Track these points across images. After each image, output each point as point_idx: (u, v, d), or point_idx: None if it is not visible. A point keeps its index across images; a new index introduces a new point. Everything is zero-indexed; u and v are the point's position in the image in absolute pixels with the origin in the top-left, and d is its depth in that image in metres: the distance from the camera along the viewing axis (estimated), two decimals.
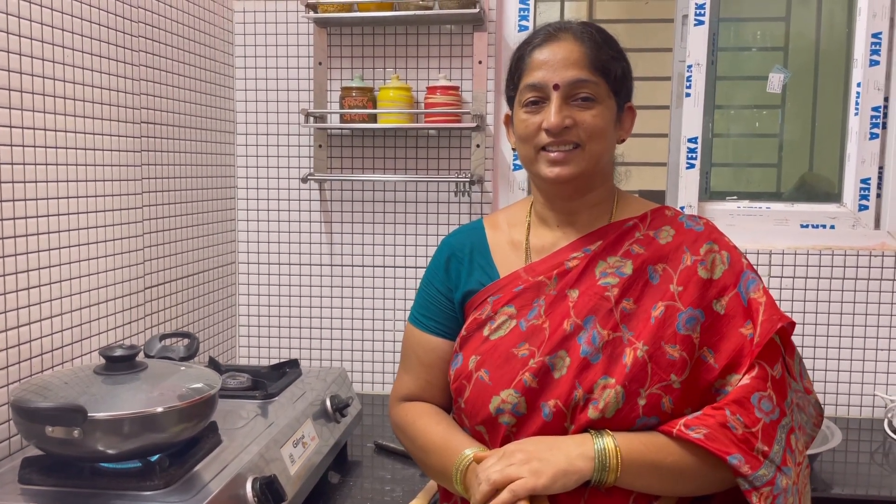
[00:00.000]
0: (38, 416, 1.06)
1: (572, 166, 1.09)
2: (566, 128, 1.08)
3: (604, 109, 1.09)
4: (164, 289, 1.76)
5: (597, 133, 1.09)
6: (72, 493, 1.09)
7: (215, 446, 1.25)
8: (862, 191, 2.01)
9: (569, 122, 1.08)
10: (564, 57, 1.08)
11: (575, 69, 1.08)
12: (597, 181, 1.14)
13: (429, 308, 1.21)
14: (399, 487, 1.52)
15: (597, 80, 1.08)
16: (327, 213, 2.13)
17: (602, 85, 1.09)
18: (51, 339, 1.38)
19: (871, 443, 1.86)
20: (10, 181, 1.26)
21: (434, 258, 1.24)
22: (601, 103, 1.09)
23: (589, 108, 1.08)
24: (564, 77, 1.08)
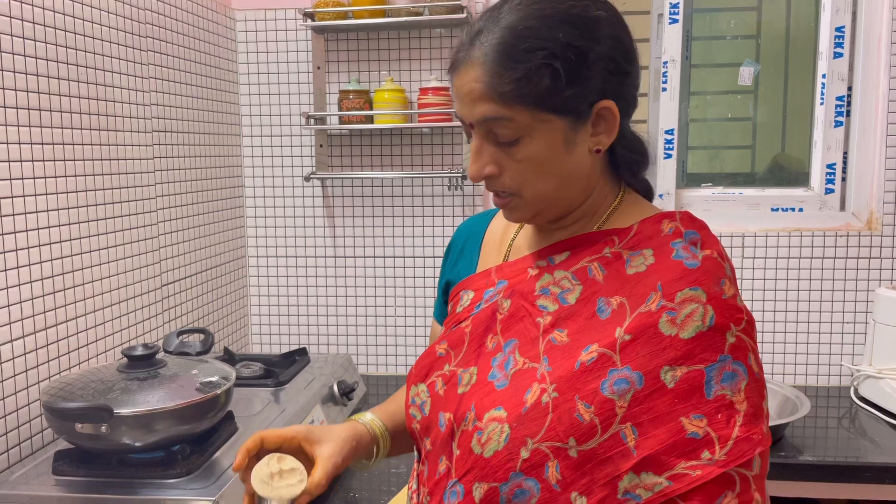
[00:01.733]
0: (68, 415, 1.08)
1: (518, 213, 0.87)
2: (490, 176, 0.84)
3: (535, 142, 0.81)
4: (180, 285, 1.78)
5: (529, 177, 0.83)
6: (101, 482, 1.12)
7: (232, 434, 1.28)
8: (828, 175, 2.03)
9: (490, 169, 0.83)
10: (469, 90, 0.81)
11: (481, 105, 0.80)
12: (567, 206, 0.88)
13: (438, 297, 1.09)
14: (404, 464, 1.54)
15: (510, 112, 0.79)
16: (330, 209, 2.15)
17: (522, 114, 0.79)
18: (76, 338, 1.40)
19: (838, 409, 1.89)
20: (32, 194, 1.28)
21: (451, 239, 1.09)
22: (529, 135, 0.80)
23: (513, 150, 0.81)
24: (473, 115, 0.81)
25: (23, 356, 1.26)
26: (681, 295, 0.78)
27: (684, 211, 0.88)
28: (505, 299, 0.89)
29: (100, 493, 1.09)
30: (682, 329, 0.76)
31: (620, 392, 0.75)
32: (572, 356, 0.79)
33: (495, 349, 0.86)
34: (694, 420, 0.74)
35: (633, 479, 0.75)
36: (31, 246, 1.27)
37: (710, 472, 0.73)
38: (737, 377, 0.76)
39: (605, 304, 0.81)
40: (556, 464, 0.76)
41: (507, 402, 0.80)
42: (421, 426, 0.91)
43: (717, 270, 0.80)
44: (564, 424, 0.76)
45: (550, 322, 0.83)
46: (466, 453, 0.81)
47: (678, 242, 0.82)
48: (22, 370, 1.26)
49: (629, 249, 0.84)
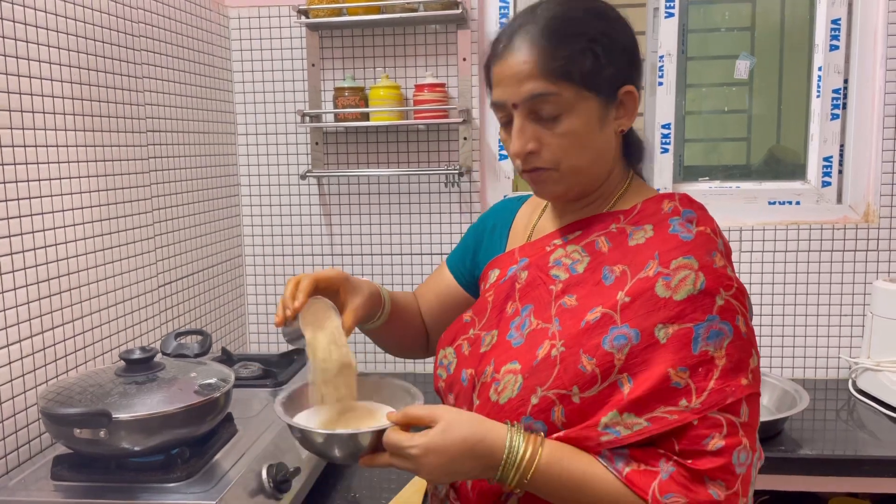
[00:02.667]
0: (66, 420, 1.07)
1: (551, 186, 0.96)
2: (532, 152, 0.92)
3: (575, 118, 0.90)
4: (177, 286, 1.77)
5: (569, 151, 0.92)
6: (100, 487, 1.10)
7: (232, 436, 1.27)
8: (825, 168, 2.02)
9: (532, 146, 0.92)
10: (517, 71, 0.90)
11: (529, 83, 0.89)
12: (592, 183, 0.97)
13: (458, 249, 1.19)
14: None
15: (557, 88, 0.88)
16: (326, 207, 2.13)
17: (567, 90, 0.89)
18: (73, 341, 1.38)
19: (836, 402, 1.89)
20: (27, 197, 1.26)
21: (484, 214, 1.19)
22: (571, 112, 0.90)
23: (555, 125, 0.90)
24: (520, 94, 0.90)
25: (20, 360, 1.25)
26: (675, 262, 0.87)
27: (683, 193, 0.99)
28: (523, 271, 1.00)
29: (99, 497, 1.08)
30: (676, 292, 0.86)
31: (619, 346, 0.85)
32: (579, 317, 0.89)
33: (514, 314, 0.97)
34: (679, 372, 0.83)
35: (616, 416, 0.84)
36: (26, 249, 1.26)
37: (684, 418, 0.83)
38: (721, 335, 0.84)
39: (609, 272, 0.92)
40: (561, 408, 0.86)
41: (521, 356, 0.91)
42: (446, 384, 1.02)
43: (709, 243, 0.90)
44: (569, 374, 0.86)
45: (562, 289, 0.94)
46: (485, 402, 0.92)
47: (676, 219, 0.93)
48: (19, 374, 1.25)
49: (632, 225, 0.95)
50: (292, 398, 1.00)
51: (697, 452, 0.82)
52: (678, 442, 0.83)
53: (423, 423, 0.87)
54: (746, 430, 0.84)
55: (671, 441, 0.84)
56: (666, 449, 0.84)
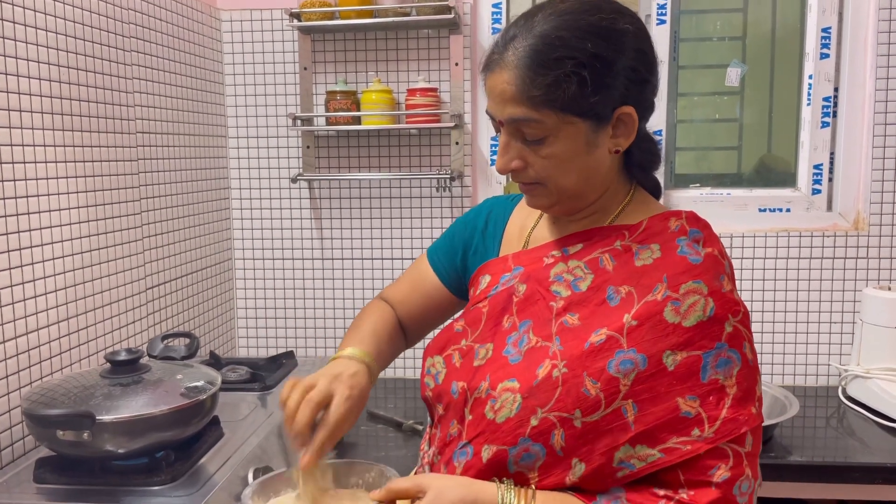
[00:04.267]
0: (49, 422, 1.06)
1: (542, 199, 0.94)
2: (517, 170, 0.91)
3: (560, 142, 0.87)
4: (165, 288, 1.76)
5: (554, 172, 0.89)
6: (84, 490, 1.09)
7: (218, 439, 1.26)
8: (815, 176, 2.03)
9: (516, 164, 0.90)
10: (501, 91, 0.87)
11: (511, 106, 0.87)
12: (585, 200, 0.95)
13: (443, 244, 1.14)
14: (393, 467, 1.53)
15: (539, 115, 0.85)
16: (317, 211, 2.13)
17: (550, 116, 0.85)
18: (59, 342, 1.37)
19: (826, 409, 1.89)
20: (13, 196, 1.25)
21: (473, 209, 1.14)
22: (555, 136, 0.87)
23: (539, 147, 0.88)
24: (503, 114, 0.88)
25: (3, 361, 1.23)
26: (685, 287, 0.85)
27: (690, 211, 0.95)
28: (521, 283, 0.96)
29: (82, 500, 1.06)
30: (685, 318, 0.84)
31: (625, 371, 0.83)
32: (582, 337, 0.86)
33: (511, 328, 0.93)
34: (688, 401, 0.82)
35: (629, 450, 0.82)
36: (11, 249, 1.25)
37: (698, 448, 0.81)
38: (730, 364, 0.83)
39: (615, 293, 0.88)
40: (561, 432, 0.83)
41: (520, 374, 0.87)
42: (434, 394, 0.98)
43: (718, 267, 0.88)
44: (572, 397, 0.83)
45: (563, 306, 0.91)
46: (479, 418, 0.88)
47: (683, 239, 0.90)
48: (2, 375, 1.23)
49: (638, 243, 0.91)
50: (264, 485, 0.95)
51: (702, 483, 0.81)
52: (683, 472, 0.82)
53: (409, 496, 0.85)
54: (750, 460, 0.83)
55: (675, 472, 0.82)
56: (671, 480, 0.82)
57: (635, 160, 0.96)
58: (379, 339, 1.07)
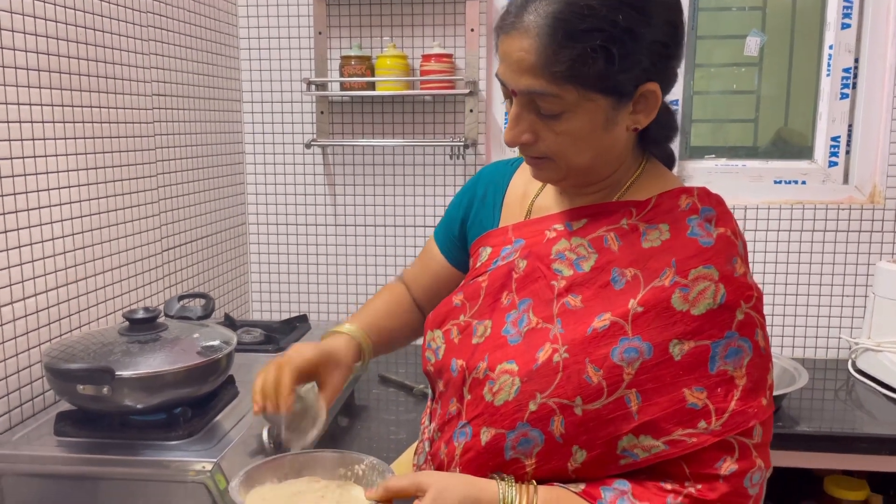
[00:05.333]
0: (69, 376, 1.08)
1: (548, 173, 0.89)
2: (527, 143, 0.85)
3: (578, 118, 0.81)
4: (180, 251, 1.77)
5: (567, 149, 0.83)
6: (103, 443, 1.12)
7: (233, 398, 1.28)
8: (832, 148, 2.01)
9: (527, 138, 0.84)
10: (518, 59, 0.80)
11: (528, 77, 0.79)
12: (595, 177, 0.90)
13: (444, 221, 1.11)
14: (403, 430, 1.55)
15: (558, 90, 0.79)
16: (330, 177, 2.13)
17: (570, 92, 0.79)
18: (77, 301, 1.39)
19: (835, 381, 1.90)
20: (31, 155, 1.26)
21: (470, 180, 1.10)
22: (573, 112, 0.80)
23: (554, 122, 0.82)
24: (518, 85, 0.81)
25: (24, 318, 1.25)
26: (694, 272, 0.80)
27: (702, 187, 0.90)
28: (521, 259, 0.92)
29: (102, 453, 1.09)
30: (694, 305, 0.79)
31: (629, 360, 0.79)
32: (585, 321, 0.82)
33: (510, 306, 0.90)
34: (695, 392, 0.79)
35: (632, 440, 0.79)
36: (31, 208, 1.26)
37: (704, 441, 0.78)
38: (741, 353, 0.80)
39: (620, 275, 0.84)
40: (561, 419, 0.80)
41: (519, 357, 0.84)
42: (434, 369, 0.96)
43: (730, 249, 0.83)
44: (573, 384, 0.80)
45: (565, 286, 0.86)
46: (477, 399, 0.86)
47: (694, 219, 0.84)
48: (23, 332, 1.25)
49: (646, 223, 0.86)
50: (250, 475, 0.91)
51: (709, 476, 0.78)
52: (688, 465, 0.79)
53: (407, 495, 0.81)
54: (760, 451, 0.81)
55: (680, 465, 0.79)
56: (675, 473, 0.79)
57: (652, 135, 0.90)
58: (379, 317, 1.09)
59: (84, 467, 1.08)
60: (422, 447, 0.99)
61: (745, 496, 0.79)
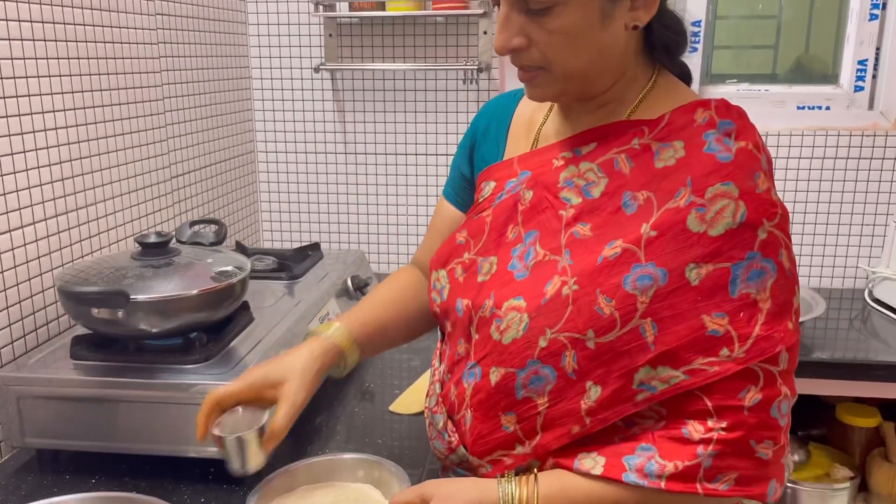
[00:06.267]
0: (84, 300, 1.07)
1: (543, 89, 0.82)
2: (518, 49, 0.78)
3: (570, 12, 0.75)
4: (189, 178, 1.75)
5: (560, 51, 0.77)
6: (120, 367, 1.11)
7: (248, 324, 1.27)
8: (858, 72, 1.94)
9: (518, 42, 0.78)
10: None
11: None
12: (594, 87, 0.83)
13: (451, 176, 1.05)
14: (417, 357, 1.55)
15: None
16: (339, 103, 2.08)
17: None
18: (87, 227, 1.37)
19: (851, 310, 1.88)
20: (46, 75, 1.22)
21: (474, 119, 1.03)
22: (564, 4, 0.74)
23: (545, 19, 0.75)
24: None
25: (34, 242, 1.24)
26: (711, 190, 0.74)
27: (721, 99, 0.82)
28: (527, 190, 0.87)
29: (119, 377, 1.09)
30: (711, 226, 0.74)
31: (643, 288, 0.74)
32: (595, 251, 0.78)
33: (515, 240, 0.85)
34: (715, 318, 0.73)
35: (650, 371, 0.75)
36: (47, 129, 1.23)
37: (726, 369, 0.73)
38: (764, 275, 0.74)
39: (631, 199, 0.78)
40: (573, 354, 0.76)
41: (526, 292, 0.80)
42: (441, 310, 0.92)
43: (752, 163, 0.76)
44: (584, 316, 0.76)
45: (573, 215, 0.81)
46: (485, 338, 0.83)
47: (711, 134, 0.78)
48: (35, 256, 1.24)
49: (659, 141, 0.79)
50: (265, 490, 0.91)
51: (733, 409, 0.73)
52: (710, 397, 0.74)
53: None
54: (785, 378, 0.76)
55: (700, 399, 0.74)
56: (696, 410, 0.74)
57: (657, 39, 0.83)
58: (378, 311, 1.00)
59: (101, 390, 1.08)
60: (433, 389, 0.96)
61: (774, 427, 0.75)
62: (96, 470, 1.11)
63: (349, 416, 1.29)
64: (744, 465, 0.74)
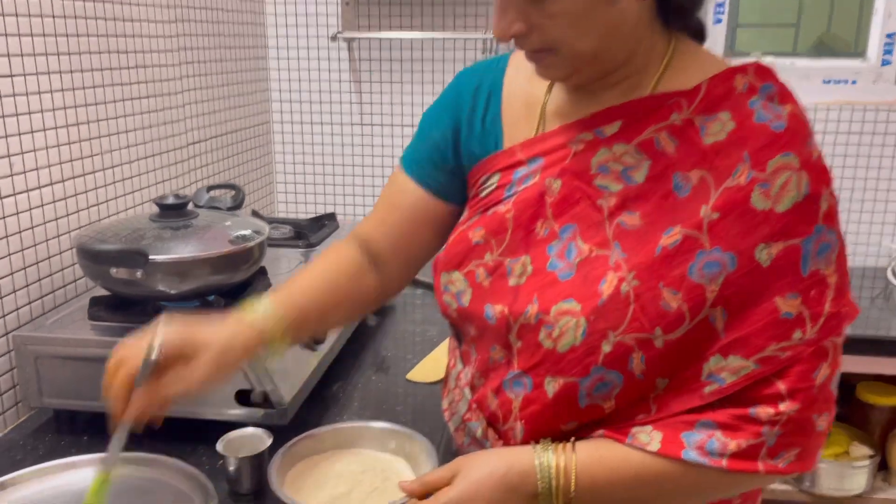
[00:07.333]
0: (102, 258, 1.06)
1: (554, 70, 0.76)
2: (520, 35, 0.72)
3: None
4: (205, 146, 1.73)
5: (565, 33, 0.71)
6: (138, 328, 1.10)
7: (266, 289, 1.26)
8: (886, 46, 1.90)
9: (518, 28, 0.71)
10: None
11: None
12: (609, 64, 0.75)
13: (417, 147, 0.92)
14: (433, 328, 1.54)
15: None
16: (356, 73, 2.05)
17: None
18: (105, 189, 1.36)
19: (872, 288, 1.86)
20: (64, 34, 1.21)
21: (441, 94, 0.91)
22: None
23: (544, 3, 0.69)
24: None
25: (52, 204, 1.23)
26: (772, 163, 0.69)
27: (754, 61, 0.76)
28: (554, 179, 0.78)
29: None
30: (777, 202, 0.68)
31: (711, 276, 0.69)
32: (650, 241, 0.72)
33: (549, 236, 0.78)
34: (788, 299, 0.69)
35: (720, 361, 0.70)
36: (54, 90, 1.22)
37: (799, 353, 0.69)
38: (830, 248, 0.70)
39: (683, 181, 0.72)
40: (640, 355, 0.71)
41: (577, 293, 0.74)
42: (458, 315, 0.84)
43: (804, 129, 0.72)
44: (649, 314, 0.70)
45: (616, 204, 0.75)
46: (532, 347, 0.76)
47: (756, 100, 0.72)
48: (53, 217, 1.23)
49: (702, 114, 0.73)
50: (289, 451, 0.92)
51: (807, 389, 0.69)
52: (783, 381, 0.69)
53: (441, 485, 0.76)
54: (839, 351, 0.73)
55: (774, 385, 0.69)
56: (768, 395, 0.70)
57: (672, 4, 0.75)
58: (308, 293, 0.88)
59: None
60: (459, 394, 0.88)
61: (831, 400, 0.72)
62: None
63: (365, 385, 1.28)
64: (804, 441, 0.71)
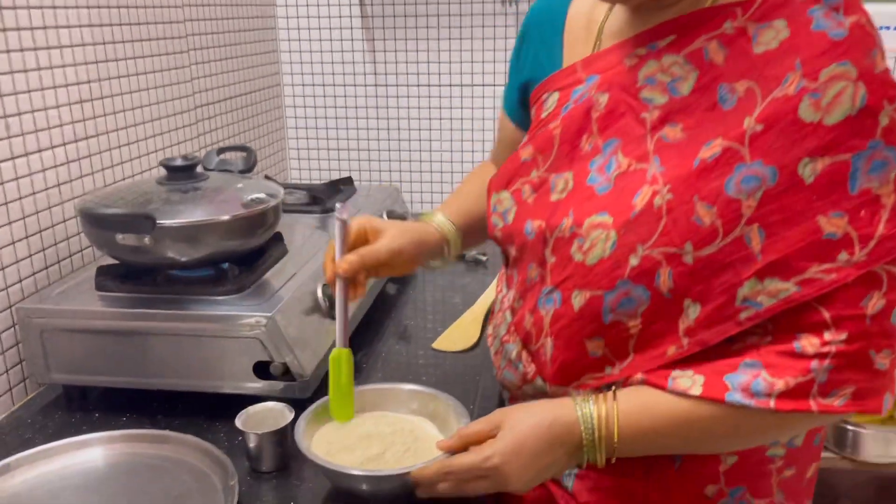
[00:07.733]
0: (108, 223, 0.99)
1: None
2: None
3: None
4: (214, 109, 1.66)
5: None
6: (148, 298, 1.04)
7: (282, 256, 1.19)
8: None
9: None
10: None
11: None
12: None
13: (508, 87, 0.97)
14: (457, 295, 1.48)
15: None
16: (369, 30, 1.96)
17: None
18: (110, 154, 1.29)
19: None
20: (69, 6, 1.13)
21: (523, 23, 0.94)
22: None
23: None
24: None
25: (53, 168, 1.16)
26: (826, 72, 0.64)
27: None
28: (601, 94, 0.77)
29: (147, 308, 1.01)
30: (828, 113, 0.64)
31: (749, 190, 0.66)
32: (689, 154, 0.69)
33: (592, 151, 0.77)
34: (833, 218, 0.65)
35: (756, 285, 0.67)
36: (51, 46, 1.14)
37: (846, 275, 0.65)
38: (887, 166, 0.65)
39: (729, 92, 0.69)
40: (668, 271, 0.69)
41: (611, 206, 0.72)
42: (503, 234, 0.85)
43: (868, 40, 0.66)
44: (680, 228, 0.68)
45: (659, 117, 0.72)
46: (564, 260, 0.75)
47: (817, 9, 0.67)
48: (55, 183, 1.16)
49: (756, 22, 0.69)
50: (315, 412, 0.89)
51: (855, 318, 0.65)
52: (828, 308, 0.65)
53: (482, 439, 0.75)
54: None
55: (817, 312, 0.66)
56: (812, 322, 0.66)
57: None
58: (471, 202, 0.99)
59: (129, 322, 1.01)
60: (502, 317, 0.89)
61: (890, 335, 0.66)
62: (127, 407, 1.05)
63: (389, 353, 1.22)
64: (861, 378, 0.66)
